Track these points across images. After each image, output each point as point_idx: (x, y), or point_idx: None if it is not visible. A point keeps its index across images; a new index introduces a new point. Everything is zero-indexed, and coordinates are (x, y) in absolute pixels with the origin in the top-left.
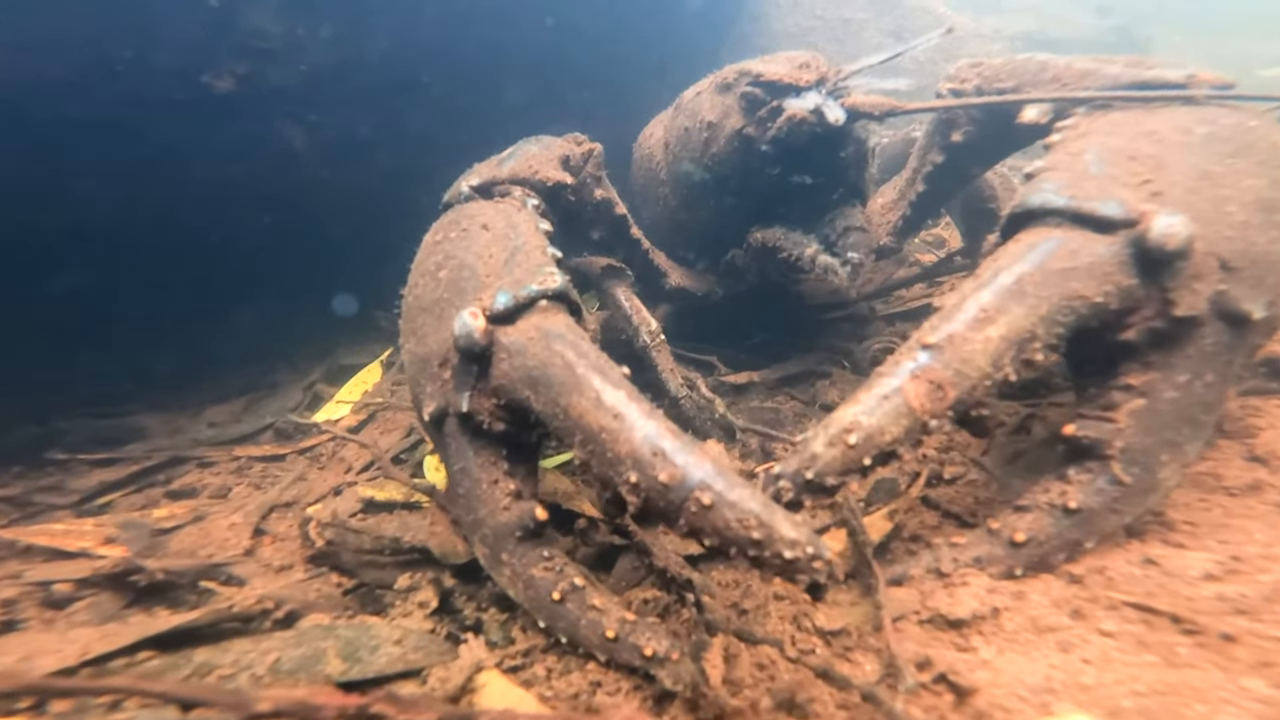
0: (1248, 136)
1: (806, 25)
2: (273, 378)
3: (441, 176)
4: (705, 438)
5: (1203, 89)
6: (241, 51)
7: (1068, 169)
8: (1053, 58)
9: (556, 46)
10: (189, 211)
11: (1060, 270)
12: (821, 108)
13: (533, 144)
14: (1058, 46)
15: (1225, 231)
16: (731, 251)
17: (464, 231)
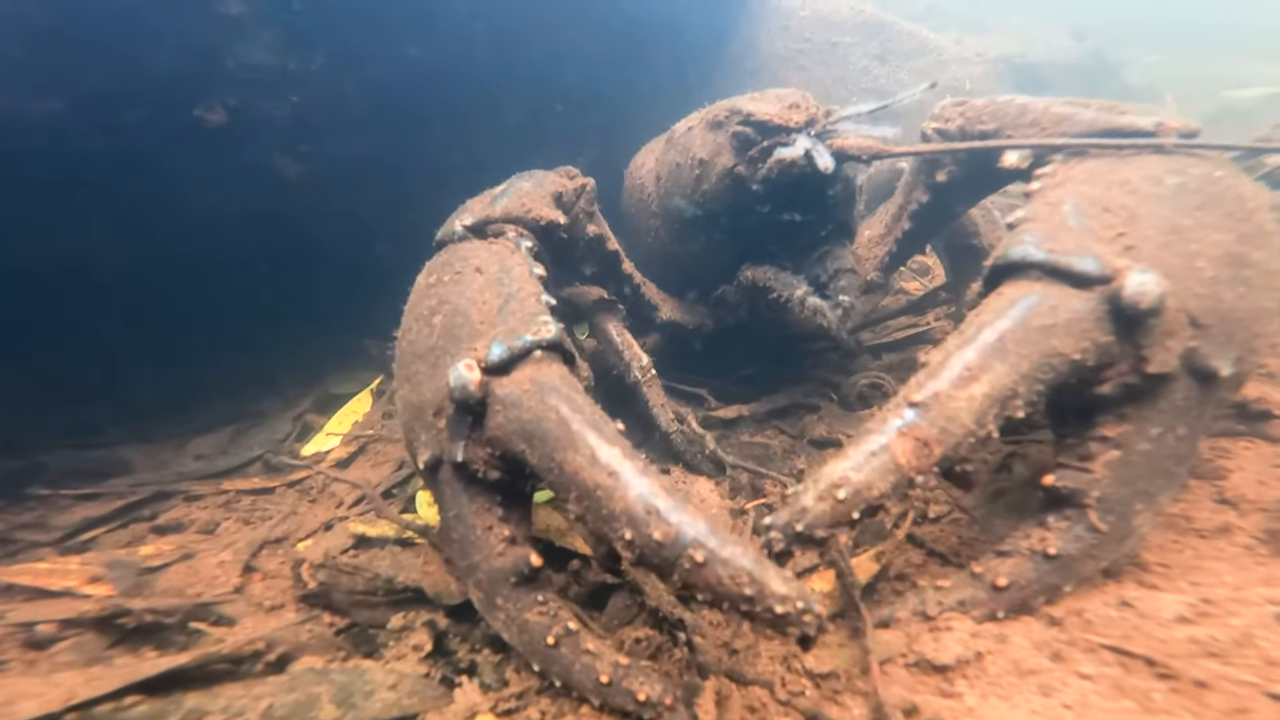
0: (1214, 188)
1: (795, 48)
2: (260, 406)
3: (431, 202)
4: (696, 472)
5: (1171, 137)
6: (233, 84)
7: (1046, 220)
8: (1031, 101)
9: (549, 73)
10: (175, 241)
11: (1040, 328)
12: (812, 153)
13: (526, 180)
14: (1037, 71)
15: (1195, 288)
16: (722, 287)
17: (457, 275)
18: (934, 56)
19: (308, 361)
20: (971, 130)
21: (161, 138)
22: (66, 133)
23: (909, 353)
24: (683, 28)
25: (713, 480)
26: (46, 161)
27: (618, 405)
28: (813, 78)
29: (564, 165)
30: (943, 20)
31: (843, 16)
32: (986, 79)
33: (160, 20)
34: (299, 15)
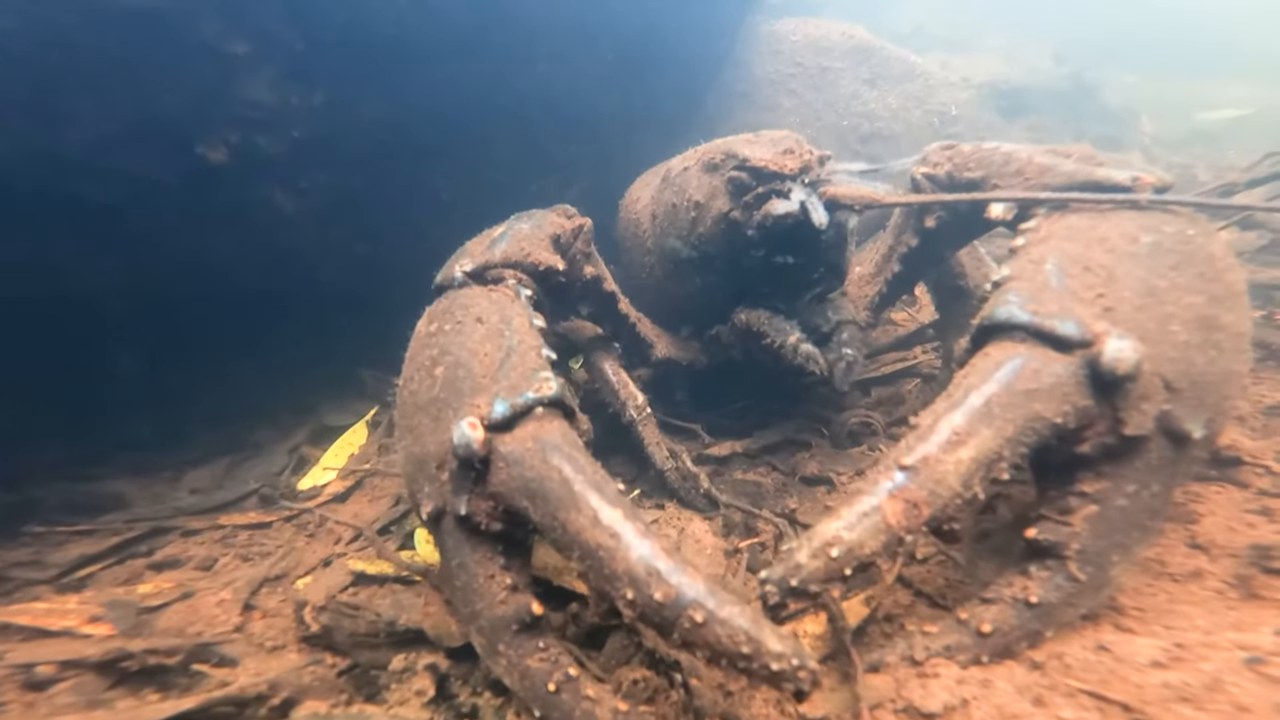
0: (1187, 248)
1: (787, 72)
2: (254, 437)
3: (428, 234)
4: (690, 508)
5: (1146, 191)
6: (234, 122)
7: (1030, 279)
8: (1016, 150)
9: (545, 104)
10: (172, 275)
11: (1024, 392)
12: (807, 206)
13: (524, 221)
14: (1020, 95)
15: (1169, 352)
16: (716, 328)
17: (458, 324)
18: (922, 81)
19: (302, 391)
20: (959, 177)
21: (163, 175)
22: (67, 171)
23: (897, 387)
24: (679, 56)
25: (706, 518)
26: (46, 199)
27: (612, 438)
28: (804, 102)
29: (559, 189)
30: (929, 41)
31: (833, 41)
32: (972, 103)
33: (165, 59)
34: (300, 53)
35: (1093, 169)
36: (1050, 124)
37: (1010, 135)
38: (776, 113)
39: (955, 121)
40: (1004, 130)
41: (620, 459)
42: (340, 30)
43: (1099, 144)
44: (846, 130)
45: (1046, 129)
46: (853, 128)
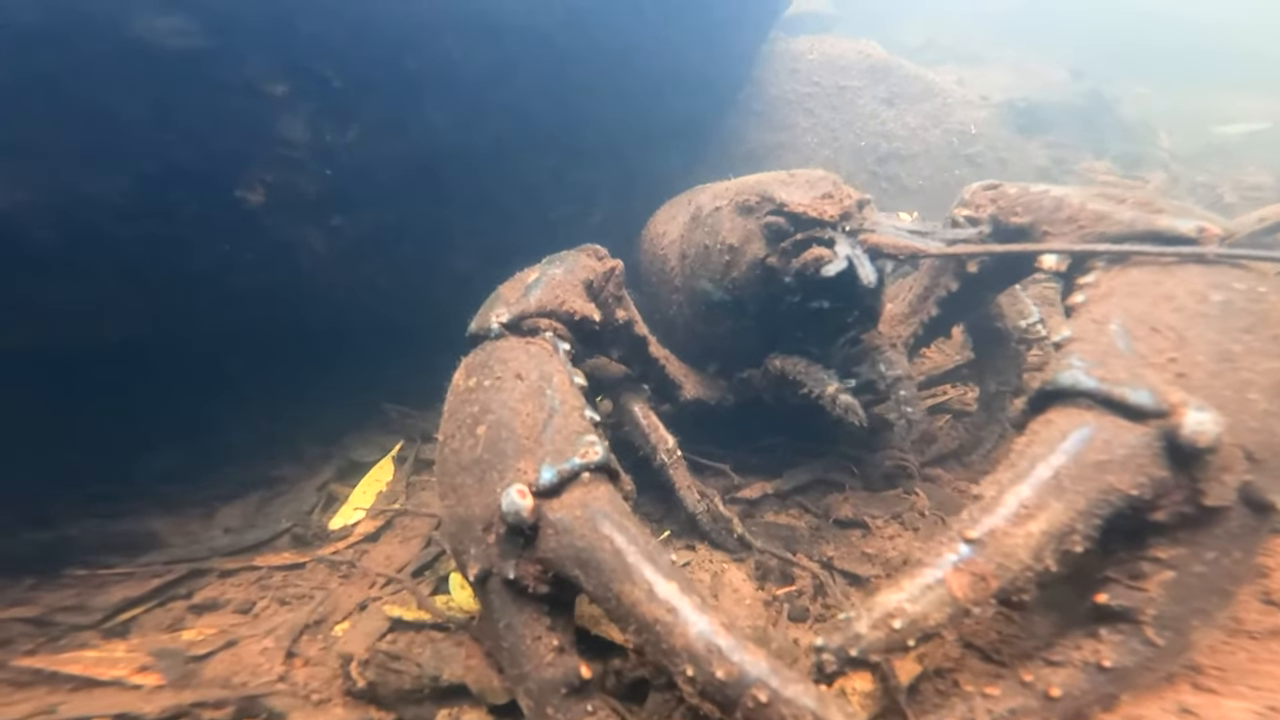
0: (1261, 306)
1: (804, 91)
2: (279, 471)
3: (453, 267)
4: (721, 549)
5: (1212, 244)
6: (271, 162)
7: (1094, 341)
8: (1067, 194)
9: (570, 135)
10: (202, 313)
11: (1096, 463)
12: (854, 263)
13: (557, 266)
14: (1038, 112)
15: (1250, 422)
16: (748, 371)
17: (498, 380)
18: (940, 100)
19: (325, 424)
20: (1005, 222)
21: (200, 217)
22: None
23: (929, 424)
24: (701, 82)
25: (738, 560)
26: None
27: (640, 475)
28: (821, 121)
29: (581, 216)
30: (940, 53)
31: (850, 60)
32: (991, 122)
33: (207, 102)
34: (336, 90)
35: (1153, 217)
36: (1068, 141)
37: (1029, 152)
38: (793, 132)
39: (975, 141)
40: (1022, 148)
41: (648, 496)
42: (373, 65)
43: (1119, 161)
44: (864, 150)
45: (1065, 146)
46: (870, 147)
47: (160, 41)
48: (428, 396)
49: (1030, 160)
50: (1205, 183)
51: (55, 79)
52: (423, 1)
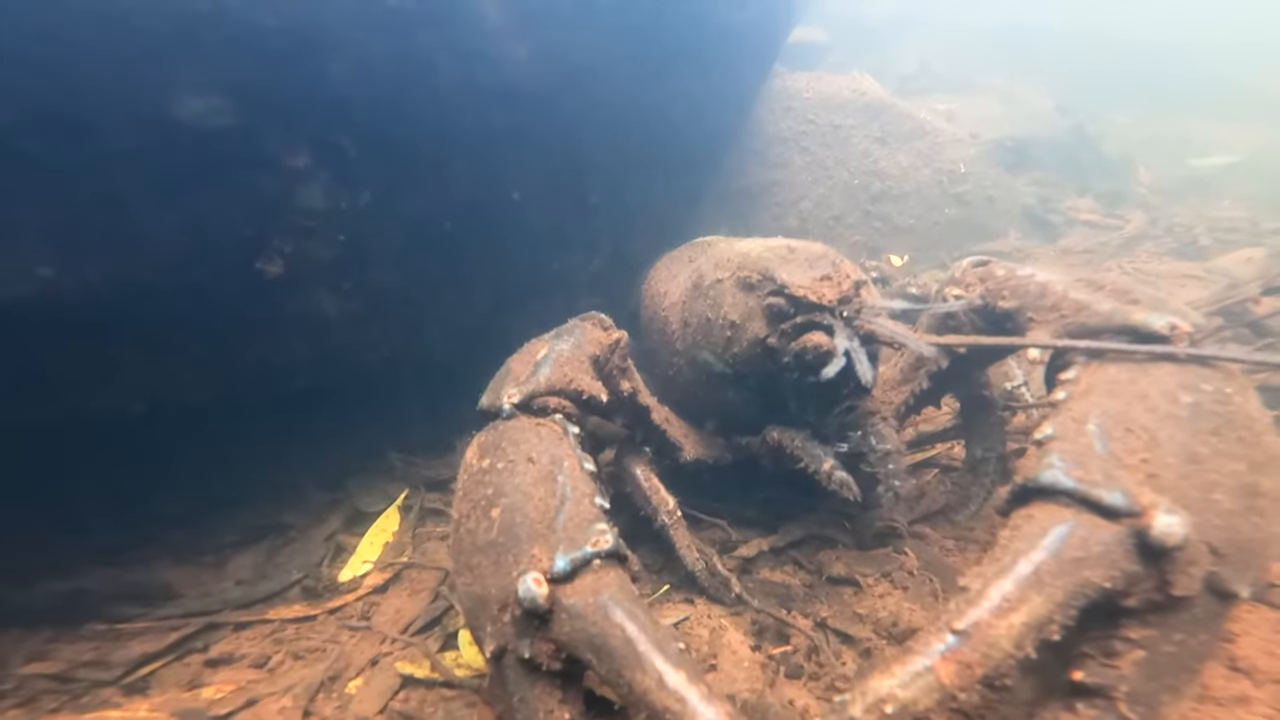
0: (1227, 409)
1: (799, 129)
2: (283, 519)
3: (458, 319)
4: (719, 604)
5: (1184, 342)
6: (290, 232)
7: (1073, 440)
8: (1050, 282)
9: (574, 186)
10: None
11: (1073, 559)
12: (852, 360)
13: (564, 342)
14: (1024, 148)
15: (1214, 520)
16: (746, 439)
17: (511, 463)
18: (930, 139)
19: (328, 470)
20: (993, 304)
21: (220, 291)
22: (136, 293)
23: (917, 478)
24: (702, 128)
25: (734, 614)
26: (115, 321)
27: (639, 528)
28: (816, 159)
29: (583, 263)
30: (932, 80)
31: (845, 98)
32: (979, 160)
33: (232, 178)
34: (353, 158)
35: (1129, 311)
36: (1054, 178)
37: (1016, 191)
38: (789, 169)
39: (964, 180)
40: (1010, 186)
41: (648, 548)
42: (387, 131)
43: (1101, 200)
44: (857, 189)
45: (1050, 183)
46: (863, 186)
47: (196, 122)
48: (432, 443)
49: (1017, 198)
50: (1182, 223)
51: (103, 165)
52: (437, 70)
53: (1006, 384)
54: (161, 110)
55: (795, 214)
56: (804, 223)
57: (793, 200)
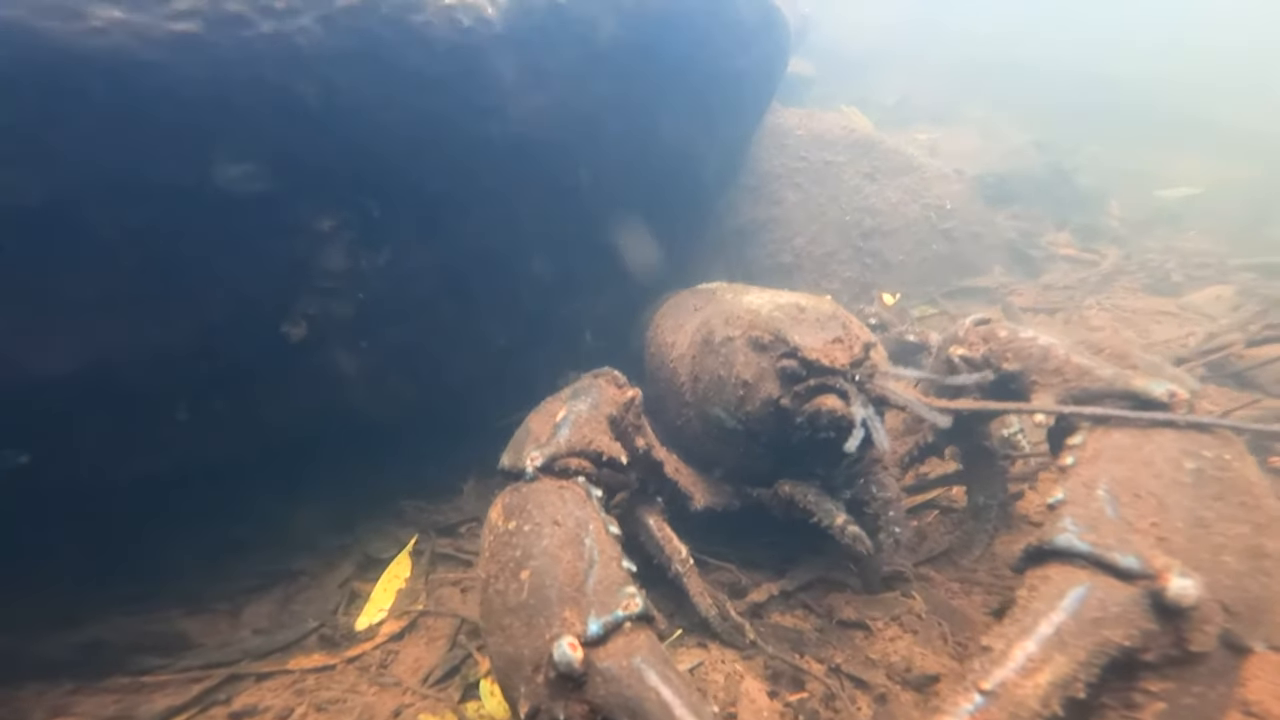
0: (1228, 474)
1: (793, 166)
2: (297, 564)
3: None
4: (733, 647)
5: (1183, 409)
6: (313, 294)
7: (1084, 505)
8: (1053, 345)
9: (583, 238)
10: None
11: (1093, 620)
12: (870, 428)
13: (582, 402)
14: (1005, 183)
15: (1225, 581)
16: (757, 491)
17: (537, 525)
18: (918, 175)
19: (338, 515)
20: (996, 365)
21: (244, 353)
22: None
23: (919, 519)
24: (701, 176)
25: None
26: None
27: (650, 571)
28: (809, 196)
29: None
30: (913, 112)
31: (836, 135)
32: (964, 196)
33: (262, 244)
34: (374, 218)
35: (1130, 377)
36: (1033, 211)
37: (998, 226)
38: (783, 207)
39: (950, 215)
40: (992, 221)
41: (660, 592)
42: (406, 188)
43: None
44: (849, 225)
45: (1030, 217)
46: (855, 223)
47: (232, 188)
48: (439, 486)
49: (1000, 234)
50: (1154, 259)
51: (146, 235)
52: (456, 127)
53: (1004, 430)
54: (202, 178)
55: (789, 251)
56: (798, 259)
57: (787, 237)
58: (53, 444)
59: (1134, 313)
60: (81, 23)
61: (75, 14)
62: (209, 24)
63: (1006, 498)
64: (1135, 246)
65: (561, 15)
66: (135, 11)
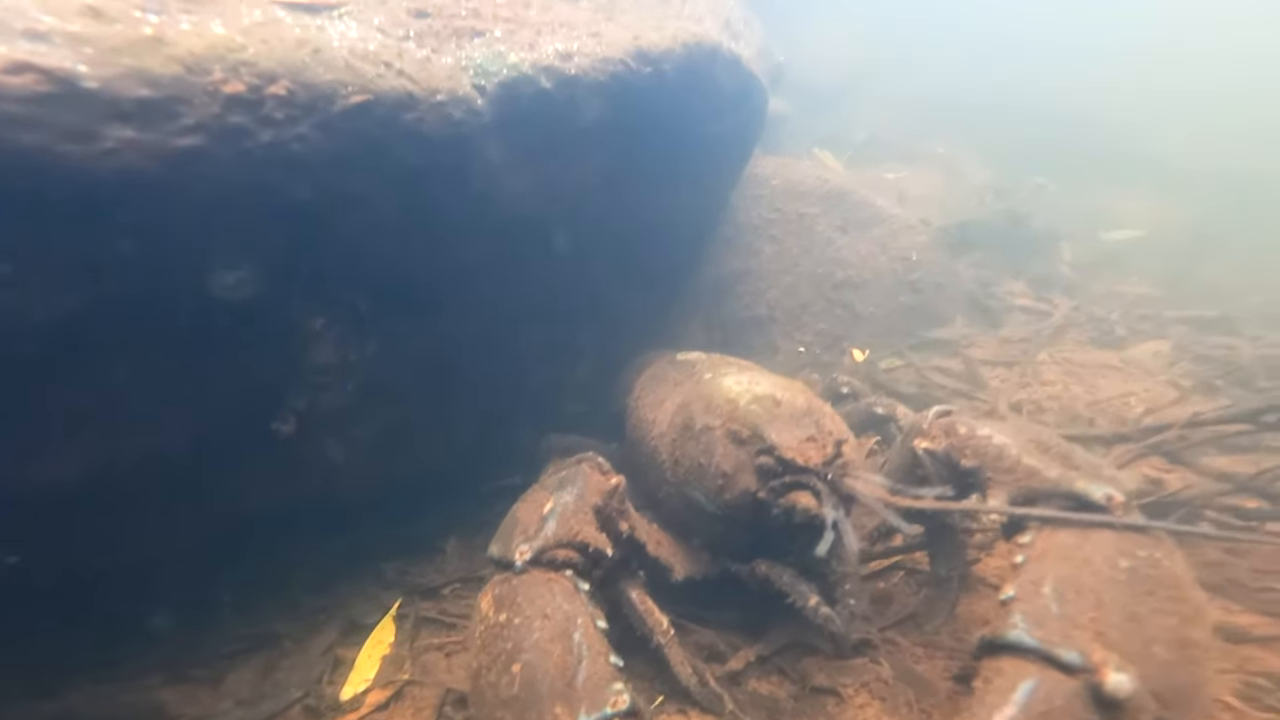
0: (1158, 572)
1: (768, 218)
2: (277, 627)
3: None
4: (710, 713)
5: (1119, 511)
6: (303, 389)
7: (1032, 602)
8: (1007, 445)
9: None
10: (211, 530)
11: (1041, 713)
12: (840, 531)
13: (568, 493)
14: (966, 230)
15: (1155, 671)
16: (735, 566)
17: (527, 619)
18: (886, 227)
19: (317, 574)
20: (956, 461)
21: (235, 453)
22: (165, 462)
23: (887, 581)
24: (682, 237)
25: None
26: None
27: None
28: (784, 248)
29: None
30: (880, 150)
31: (809, 186)
32: (929, 247)
33: (257, 347)
34: (364, 313)
35: (1073, 479)
36: (991, 260)
37: (960, 275)
38: (759, 258)
39: (916, 267)
40: (954, 271)
41: (641, 659)
42: (394, 280)
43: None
44: (822, 277)
45: (989, 265)
46: (827, 275)
47: (226, 295)
48: (420, 545)
49: (961, 284)
50: (1100, 312)
51: (144, 344)
52: (444, 214)
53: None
54: (199, 286)
55: (764, 304)
56: (772, 312)
57: (762, 290)
58: (42, 543)
59: (1081, 366)
60: (96, 144)
61: (91, 135)
62: (212, 137)
63: (967, 570)
64: (1084, 293)
65: (548, 100)
66: (145, 130)
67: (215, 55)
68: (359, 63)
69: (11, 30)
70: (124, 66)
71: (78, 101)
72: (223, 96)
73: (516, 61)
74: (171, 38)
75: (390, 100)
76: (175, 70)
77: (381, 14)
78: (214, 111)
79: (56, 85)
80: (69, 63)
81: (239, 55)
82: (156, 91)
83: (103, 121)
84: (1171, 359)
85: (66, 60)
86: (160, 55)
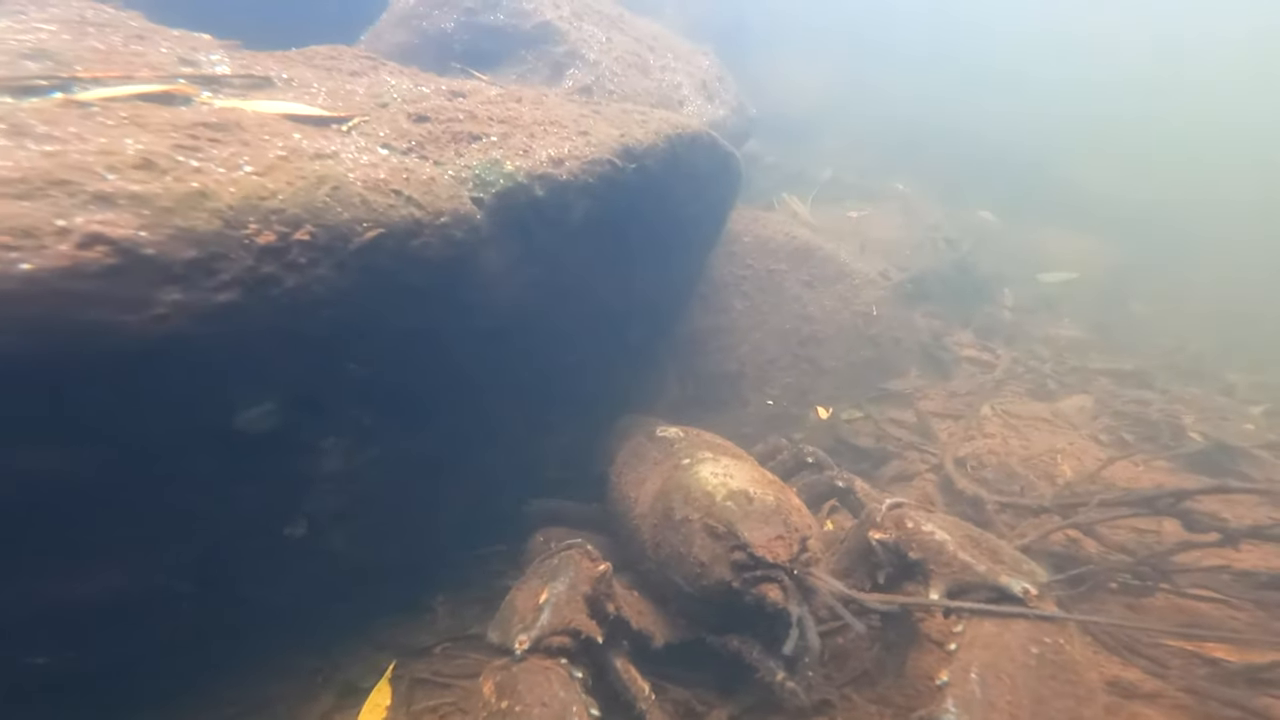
0: (1061, 657)
1: (739, 274)
2: (267, 691)
3: (441, 519)
4: None
5: (1033, 603)
6: (312, 497)
7: (962, 687)
8: (945, 542)
9: (550, 382)
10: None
11: None
12: (804, 631)
13: (561, 583)
14: (920, 282)
15: None
16: (709, 637)
17: (526, 707)
18: (849, 282)
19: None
20: (904, 552)
21: (247, 558)
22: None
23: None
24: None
25: None
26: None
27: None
28: (754, 305)
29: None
30: (842, 189)
31: (779, 243)
32: (888, 301)
33: (273, 469)
34: (367, 426)
35: (998, 573)
36: (943, 309)
37: (915, 327)
38: (730, 315)
39: (876, 322)
40: (910, 323)
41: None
42: (396, 393)
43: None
44: (789, 333)
45: (941, 315)
46: (794, 330)
47: (248, 428)
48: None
49: (916, 336)
50: (1035, 364)
51: (171, 483)
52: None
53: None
54: (224, 425)
55: (735, 359)
56: (743, 367)
57: (733, 345)
58: (69, 646)
59: (1018, 419)
60: (149, 311)
61: (147, 303)
62: (246, 290)
63: (917, 635)
64: (1023, 337)
65: (539, 206)
66: (189, 290)
67: (249, 205)
68: (372, 195)
69: (83, 194)
70: (175, 228)
71: (138, 270)
72: (256, 249)
73: (512, 170)
74: (213, 189)
75: (400, 230)
76: (217, 225)
77: (385, 125)
78: (249, 264)
79: (123, 257)
80: (132, 229)
81: (269, 204)
82: (201, 251)
83: (157, 287)
84: (1094, 413)
85: (130, 228)
86: (205, 211)
